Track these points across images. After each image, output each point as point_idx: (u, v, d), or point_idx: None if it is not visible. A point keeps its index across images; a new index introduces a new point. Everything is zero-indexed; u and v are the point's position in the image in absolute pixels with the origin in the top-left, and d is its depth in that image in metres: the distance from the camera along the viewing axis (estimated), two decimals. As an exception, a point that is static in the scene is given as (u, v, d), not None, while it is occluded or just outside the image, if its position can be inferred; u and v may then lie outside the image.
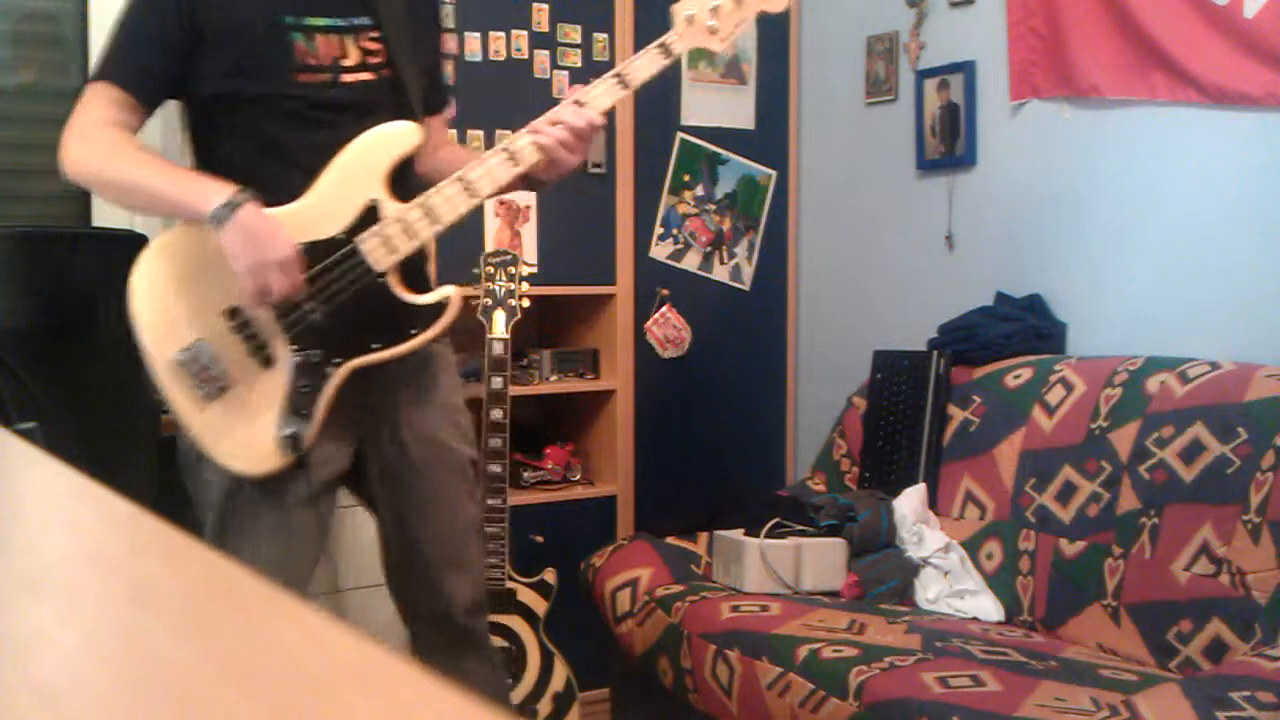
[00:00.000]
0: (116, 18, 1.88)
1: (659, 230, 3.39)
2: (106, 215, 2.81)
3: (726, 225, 3.50)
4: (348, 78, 1.89)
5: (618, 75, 1.93)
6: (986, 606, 2.54)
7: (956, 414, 2.83)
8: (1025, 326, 2.85)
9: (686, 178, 3.42)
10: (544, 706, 2.78)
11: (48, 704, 0.34)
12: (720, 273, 3.50)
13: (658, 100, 3.30)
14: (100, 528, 0.58)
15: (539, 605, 2.79)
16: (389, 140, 1.86)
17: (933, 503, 2.80)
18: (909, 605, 2.59)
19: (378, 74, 1.91)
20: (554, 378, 3.22)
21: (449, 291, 1.88)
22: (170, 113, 2.01)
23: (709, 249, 3.47)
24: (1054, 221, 2.92)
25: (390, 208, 1.84)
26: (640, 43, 3.32)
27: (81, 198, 2.85)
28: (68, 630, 0.41)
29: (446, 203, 1.86)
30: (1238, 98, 2.50)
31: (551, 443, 3.29)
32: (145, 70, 1.86)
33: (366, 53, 1.91)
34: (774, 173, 3.58)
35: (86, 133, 1.83)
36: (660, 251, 3.39)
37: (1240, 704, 1.70)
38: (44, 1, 2.82)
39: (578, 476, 3.30)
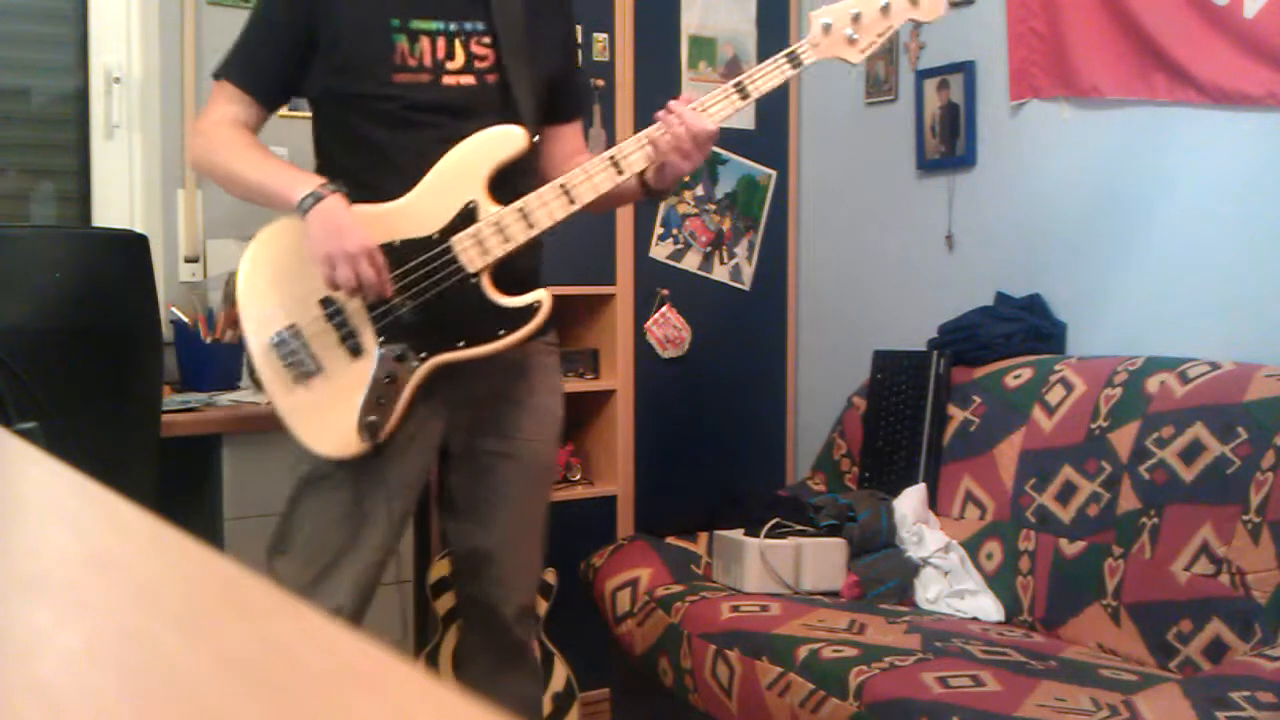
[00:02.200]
0: (248, 17, 1.99)
1: (659, 230, 3.39)
2: (107, 215, 2.81)
3: (726, 225, 3.50)
4: (449, 80, 1.90)
5: (738, 85, 1.90)
6: (986, 606, 2.54)
7: (956, 414, 2.83)
8: (1025, 326, 2.85)
9: (686, 178, 3.42)
10: (544, 706, 2.78)
11: (48, 705, 0.34)
12: (720, 273, 3.50)
13: (658, 99, 3.28)
14: (100, 528, 0.58)
15: (539, 605, 2.79)
16: (493, 144, 1.88)
17: (933, 503, 2.80)
18: (909, 605, 2.59)
19: (482, 78, 1.92)
20: (554, 378, 3.22)
21: (541, 295, 1.90)
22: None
23: (709, 249, 3.47)
24: (1054, 221, 2.92)
25: (488, 210, 1.86)
26: (640, 43, 3.35)
27: (82, 198, 2.85)
28: (68, 631, 0.41)
29: (544, 208, 1.87)
30: (1238, 98, 2.50)
31: (551, 443, 3.29)
32: (261, 71, 1.95)
33: (475, 57, 1.92)
34: (774, 173, 3.58)
35: (203, 127, 1.95)
36: (660, 251, 3.39)
37: (1240, 704, 1.70)
38: (44, 1, 2.82)
39: (578, 476, 3.30)
